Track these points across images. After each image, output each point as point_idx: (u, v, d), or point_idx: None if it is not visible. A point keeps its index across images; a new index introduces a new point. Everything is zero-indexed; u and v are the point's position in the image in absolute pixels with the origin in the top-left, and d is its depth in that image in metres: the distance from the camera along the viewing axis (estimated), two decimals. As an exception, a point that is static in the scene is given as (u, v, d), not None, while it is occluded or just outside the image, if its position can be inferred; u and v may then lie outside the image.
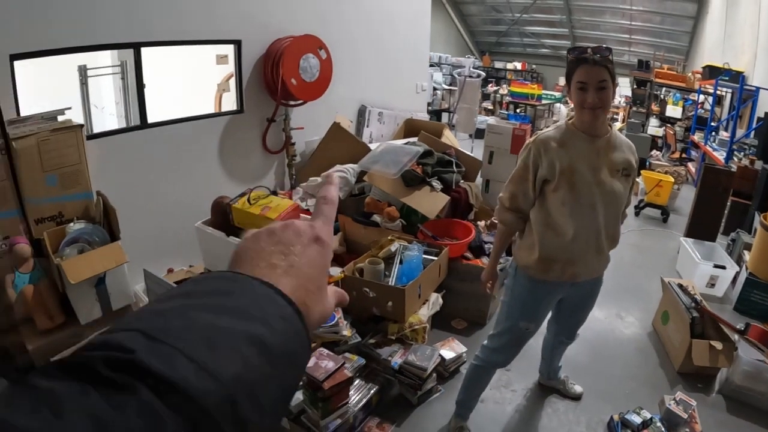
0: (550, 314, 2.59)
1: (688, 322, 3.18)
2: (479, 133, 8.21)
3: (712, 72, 8.17)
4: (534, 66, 17.41)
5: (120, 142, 3.56)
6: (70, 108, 3.01)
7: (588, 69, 1.96)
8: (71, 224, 2.84)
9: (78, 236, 2.77)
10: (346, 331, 2.87)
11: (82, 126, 2.90)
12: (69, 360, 0.33)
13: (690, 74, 9.89)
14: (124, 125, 4.18)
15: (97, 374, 0.31)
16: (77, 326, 2.69)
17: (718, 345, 3.04)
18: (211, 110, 4.61)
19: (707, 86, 8.46)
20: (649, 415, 2.69)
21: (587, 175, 2.04)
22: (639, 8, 13.18)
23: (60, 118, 2.91)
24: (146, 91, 3.73)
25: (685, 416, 2.67)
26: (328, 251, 0.54)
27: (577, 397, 2.99)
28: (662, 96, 10.44)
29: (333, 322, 2.83)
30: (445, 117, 9.95)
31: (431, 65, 10.55)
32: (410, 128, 5.48)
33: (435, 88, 10.72)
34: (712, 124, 8.01)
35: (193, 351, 0.34)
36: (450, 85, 10.72)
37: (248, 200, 2.86)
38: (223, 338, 0.37)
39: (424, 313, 3.16)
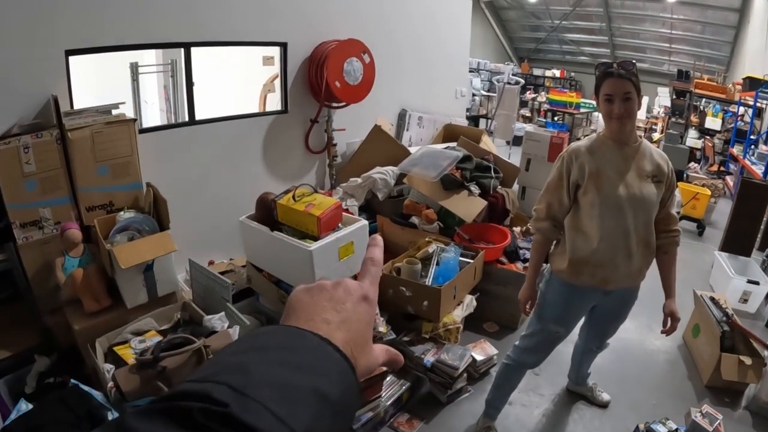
0: (582, 320, 2.68)
1: (718, 335, 3.21)
2: (516, 141, 8.26)
3: (752, 83, 8.05)
4: (573, 74, 17.29)
5: (168, 137, 3.70)
6: (124, 102, 3.17)
7: (614, 82, 2.08)
8: (121, 213, 2.99)
9: (128, 224, 2.91)
10: (382, 328, 2.97)
11: (135, 120, 3.07)
12: (165, 406, 0.37)
13: (730, 85, 9.74)
14: (170, 121, 4.37)
15: (194, 422, 0.35)
16: (123, 310, 2.80)
17: (748, 360, 3.07)
18: (256, 110, 4.77)
19: (747, 98, 8.34)
20: (674, 426, 2.72)
21: (614, 178, 2.15)
22: (680, 17, 13.00)
23: (114, 112, 3.06)
24: (194, 89, 3.87)
25: (711, 429, 2.70)
26: (374, 309, 0.59)
27: (604, 405, 3.06)
28: (702, 107, 10.29)
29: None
30: (482, 123, 9.97)
31: (470, 71, 10.60)
32: (449, 133, 5.56)
33: (473, 94, 10.73)
34: (752, 137, 7.90)
35: (275, 406, 0.38)
36: (488, 91, 10.74)
37: (293, 197, 2.98)
38: (297, 394, 0.41)
39: (458, 314, 3.25)
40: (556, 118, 10.66)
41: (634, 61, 2.21)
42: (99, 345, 2.50)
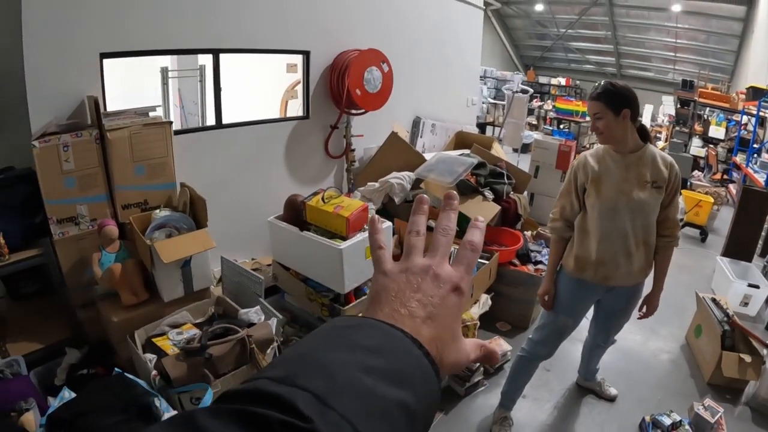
0: (592, 316, 2.90)
1: (719, 334, 3.39)
2: (524, 148, 8.42)
3: (755, 93, 8.22)
4: (578, 82, 17.42)
5: (196, 140, 3.84)
6: (160, 105, 3.32)
7: (588, 104, 2.40)
8: (157, 211, 3.10)
9: (165, 222, 3.03)
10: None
11: (171, 123, 3.19)
12: (241, 409, 0.35)
13: (734, 94, 9.87)
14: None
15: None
16: (159, 304, 2.92)
17: (747, 358, 3.25)
18: (277, 115, 4.95)
19: (750, 107, 8.46)
20: (678, 418, 2.91)
21: (612, 183, 2.37)
22: (684, 26, 13.06)
23: (151, 114, 3.18)
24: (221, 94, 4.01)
25: (712, 421, 2.88)
26: (465, 300, 0.55)
27: (611, 399, 3.24)
28: (705, 116, 10.43)
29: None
30: (489, 130, 10.10)
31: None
32: (460, 140, 5.74)
33: (480, 102, 10.87)
34: (755, 145, 8.04)
35: (357, 420, 0.36)
36: (495, 98, 10.88)
37: (322, 199, 3.15)
38: (380, 406, 0.39)
39: (475, 311, 3.45)
40: (561, 126, 10.81)
41: (609, 84, 2.35)
42: (137, 336, 2.61)
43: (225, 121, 4.07)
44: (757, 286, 4.27)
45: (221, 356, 2.28)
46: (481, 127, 10.41)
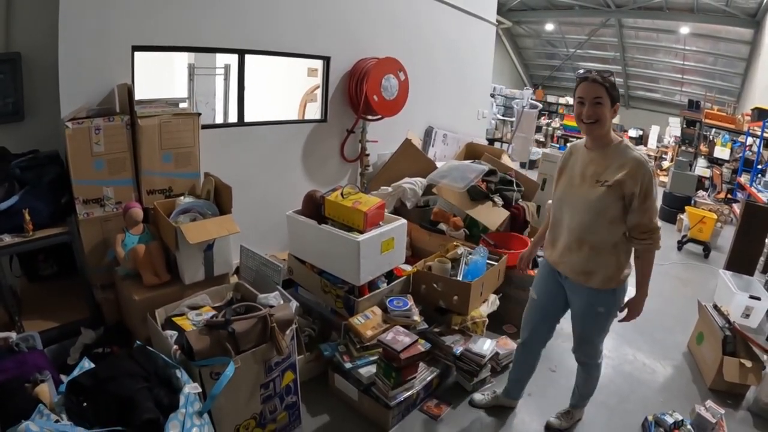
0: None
1: (720, 340, 3.48)
2: (531, 165, 8.52)
3: (760, 114, 8.30)
4: (586, 102, 17.46)
5: (219, 135, 3.94)
6: (189, 97, 3.43)
7: (587, 85, 2.22)
8: (182, 198, 3.25)
9: (190, 207, 3.15)
10: (417, 317, 3.26)
11: (199, 114, 3.32)
12: None
13: (740, 116, 9.90)
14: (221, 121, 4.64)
15: None
16: (179, 286, 3.02)
17: (748, 363, 3.33)
18: (295, 117, 5.07)
19: (755, 128, 8.54)
20: (681, 417, 2.97)
21: (568, 177, 2.44)
22: (692, 48, 13.16)
23: (180, 105, 3.34)
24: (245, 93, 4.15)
25: (713, 421, 2.95)
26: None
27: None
28: (711, 137, 10.48)
29: (407, 308, 3.23)
30: (497, 146, 10.15)
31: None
32: (470, 151, 5.85)
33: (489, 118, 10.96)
34: (759, 166, 8.12)
35: None
36: (504, 115, 10.99)
37: (341, 194, 3.28)
38: None
39: (484, 309, 3.55)
40: (569, 144, 10.86)
41: (611, 71, 2.32)
42: (158, 315, 2.67)
43: (246, 119, 4.19)
44: (758, 298, 4.33)
45: (243, 332, 2.33)
46: (490, 142, 10.45)
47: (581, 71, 2.33)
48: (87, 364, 2.17)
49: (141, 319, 2.74)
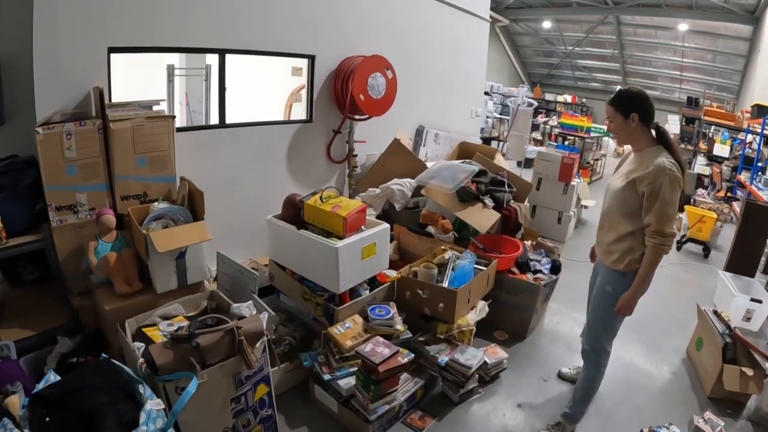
0: None
1: (720, 347, 3.34)
2: (528, 163, 8.41)
3: (760, 111, 8.19)
4: (584, 100, 17.47)
5: (198, 138, 3.82)
6: (164, 100, 3.32)
7: (605, 107, 2.61)
8: (155, 203, 3.15)
9: (163, 213, 3.05)
10: (400, 326, 3.10)
11: (174, 117, 3.22)
12: None
13: (739, 113, 9.85)
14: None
15: None
16: (152, 295, 2.93)
17: (749, 371, 3.19)
18: (281, 118, 4.93)
19: (755, 125, 8.45)
20: (678, 431, 2.84)
21: (617, 172, 2.72)
22: (691, 45, 13.15)
23: (155, 108, 3.20)
24: (226, 94, 4.00)
25: (713, 434, 2.83)
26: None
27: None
28: (710, 134, 10.41)
29: (389, 316, 3.08)
30: (494, 145, 10.08)
31: (484, 94, 10.75)
32: (463, 151, 5.73)
33: (486, 117, 10.89)
34: (759, 164, 8.01)
35: None
36: (501, 114, 10.91)
37: (320, 198, 3.14)
38: None
39: (472, 317, 3.39)
40: (566, 142, 10.79)
41: (623, 88, 2.58)
42: (128, 325, 2.59)
43: (229, 121, 4.06)
44: (759, 301, 4.20)
45: (209, 346, 2.24)
46: (486, 141, 10.36)
47: None
48: (53, 377, 2.10)
49: (114, 329, 2.67)
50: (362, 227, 3.15)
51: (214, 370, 2.24)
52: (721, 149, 9.75)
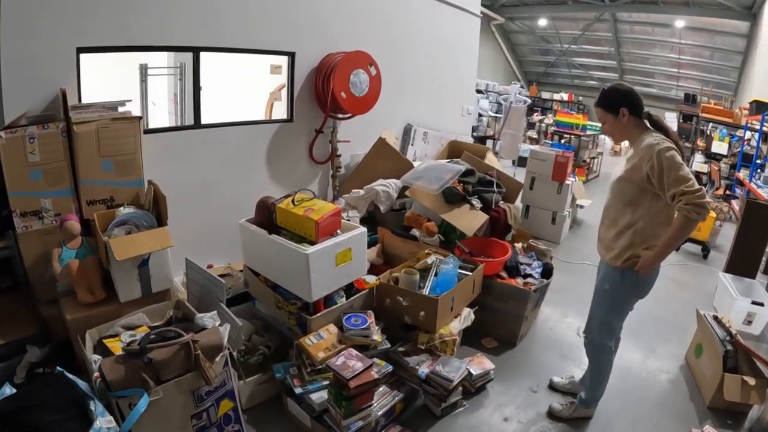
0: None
1: (721, 354, 3.16)
2: (521, 162, 8.26)
3: (759, 107, 8.09)
4: (581, 98, 17.36)
5: (173, 139, 3.69)
6: (131, 100, 3.19)
7: (595, 110, 2.60)
8: (121, 208, 3.04)
9: (127, 219, 2.94)
10: (377, 336, 2.91)
11: (140, 118, 3.11)
12: None
13: (737, 110, 9.76)
14: (176, 124, 4.36)
15: None
16: (117, 304, 2.82)
17: (751, 380, 3.01)
18: (262, 118, 4.76)
19: (754, 122, 8.32)
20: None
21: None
22: (688, 42, 13.08)
23: (120, 109, 3.09)
24: (202, 93, 3.87)
25: (712, 449, 2.66)
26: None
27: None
28: (708, 131, 10.30)
29: (365, 326, 2.88)
30: (489, 144, 9.98)
31: (478, 92, 10.63)
32: (454, 150, 5.56)
33: (481, 115, 10.80)
34: (758, 161, 7.85)
35: None
36: (496, 112, 10.80)
37: (293, 201, 2.97)
38: None
39: (456, 326, 3.20)
40: (562, 140, 10.64)
41: (605, 87, 2.57)
42: (89, 336, 2.51)
43: (205, 121, 3.91)
44: (761, 304, 4.05)
45: (163, 361, 2.10)
46: (482, 140, 10.29)
47: None
48: (8, 390, 2.02)
49: (77, 339, 2.59)
50: (337, 231, 2.97)
51: (170, 386, 2.11)
52: (720, 146, 9.65)
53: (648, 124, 2.52)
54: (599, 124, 3.42)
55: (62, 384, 2.05)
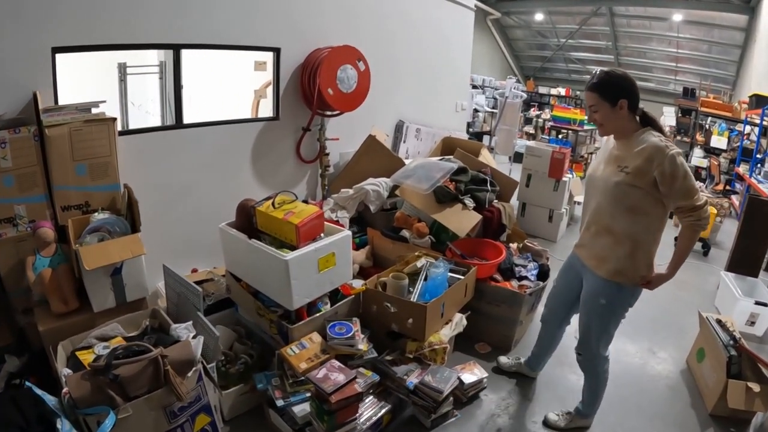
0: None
1: (724, 360, 3.03)
2: (518, 157, 8.15)
3: (759, 101, 7.97)
4: (578, 92, 17.23)
5: (153, 140, 3.57)
6: (104, 101, 3.07)
7: (585, 94, 2.36)
8: (96, 214, 2.92)
9: (100, 225, 2.82)
10: (363, 345, 2.78)
11: (114, 120, 2.97)
12: None
13: (736, 104, 9.66)
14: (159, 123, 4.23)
15: None
16: (91, 314, 2.72)
17: (756, 387, 2.87)
18: (248, 116, 4.62)
19: (753, 116, 8.19)
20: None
21: (597, 162, 2.51)
22: (686, 36, 12.97)
23: (94, 110, 2.98)
24: (184, 92, 3.74)
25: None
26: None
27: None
28: (707, 126, 10.17)
29: (350, 335, 2.74)
30: (485, 139, 9.88)
31: (474, 87, 10.50)
32: (448, 146, 5.43)
33: (477, 111, 10.70)
34: (758, 155, 7.71)
35: None
36: (492, 108, 10.70)
37: (273, 204, 2.84)
38: None
39: (446, 333, 3.05)
40: (560, 136, 10.52)
41: (605, 70, 2.32)
42: (62, 348, 2.44)
43: (188, 120, 3.78)
44: (765, 304, 3.92)
45: (131, 377, 2.00)
46: (478, 136, 10.18)
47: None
48: None
49: (50, 350, 2.50)
50: (321, 235, 2.83)
51: (139, 402, 2.03)
52: (719, 141, 9.54)
53: (638, 120, 2.35)
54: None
55: (29, 400, 1.98)
